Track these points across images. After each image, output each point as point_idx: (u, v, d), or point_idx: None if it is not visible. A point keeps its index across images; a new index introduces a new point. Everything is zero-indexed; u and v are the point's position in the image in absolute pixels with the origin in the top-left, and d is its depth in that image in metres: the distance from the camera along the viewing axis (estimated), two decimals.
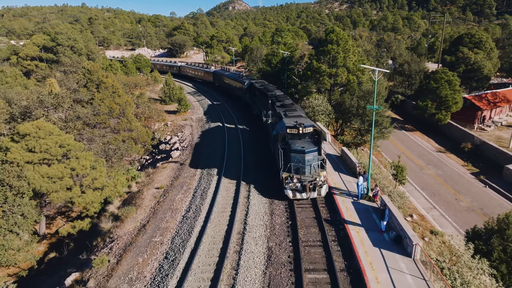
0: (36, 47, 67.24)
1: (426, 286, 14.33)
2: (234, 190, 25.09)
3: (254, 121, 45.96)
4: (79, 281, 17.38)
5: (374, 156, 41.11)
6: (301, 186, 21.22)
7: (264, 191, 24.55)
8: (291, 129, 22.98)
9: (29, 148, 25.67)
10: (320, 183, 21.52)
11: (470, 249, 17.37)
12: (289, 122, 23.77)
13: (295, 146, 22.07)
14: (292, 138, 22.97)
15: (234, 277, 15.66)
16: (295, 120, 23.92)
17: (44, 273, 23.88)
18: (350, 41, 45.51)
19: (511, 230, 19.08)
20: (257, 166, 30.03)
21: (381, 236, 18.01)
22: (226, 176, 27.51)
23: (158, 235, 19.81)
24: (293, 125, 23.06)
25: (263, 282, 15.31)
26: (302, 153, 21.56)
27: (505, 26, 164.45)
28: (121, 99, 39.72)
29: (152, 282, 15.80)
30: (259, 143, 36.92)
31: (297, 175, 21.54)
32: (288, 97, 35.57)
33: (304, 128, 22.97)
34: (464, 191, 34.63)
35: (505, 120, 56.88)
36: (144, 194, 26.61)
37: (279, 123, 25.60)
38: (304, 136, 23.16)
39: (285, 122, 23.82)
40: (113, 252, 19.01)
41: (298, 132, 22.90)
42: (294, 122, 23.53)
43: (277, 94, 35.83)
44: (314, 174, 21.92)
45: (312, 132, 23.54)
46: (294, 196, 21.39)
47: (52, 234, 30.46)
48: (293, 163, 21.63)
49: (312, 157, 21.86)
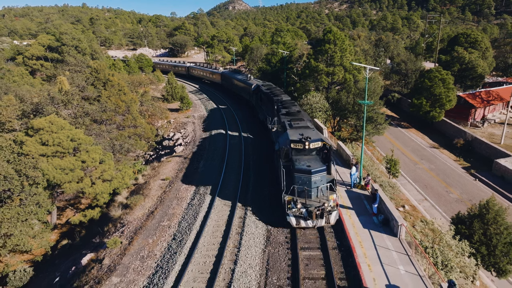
0: (42, 47, 68.95)
1: (409, 260, 15.98)
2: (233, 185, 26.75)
3: (259, 127, 42.45)
4: (95, 260, 19.03)
5: (370, 151, 42.76)
6: (306, 212, 18.42)
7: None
8: (295, 144, 19.97)
9: (43, 141, 27.33)
10: (329, 208, 18.56)
11: (451, 230, 18.99)
12: (294, 134, 20.73)
13: (299, 164, 19.04)
14: (297, 154, 20.06)
15: (236, 253, 17.35)
16: (301, 133, 20.82)
17: (58, 258, 25.53)
18: (347, 41, 47.18)
19: (490, 214, 20.72)
20: (258, 193, 24.90)
21: (370, 219, 19.66)
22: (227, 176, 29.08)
23: (166, 220, 21.47)
24: (298, 139, 19.97)
25: (262, 258, 16.98)
26: (308, 173, 18.39)
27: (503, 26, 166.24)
28: (126, 97, 41.35)
29: (162, 259, 17.46)
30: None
31: (302, 199, 18.54)
32: (295, 103, 31.94)
33: (311, 142, 19.77)
34: (455, 184, 36.27)
35: (498, 117, 58.49)
36: (150, 185, 28.25)
37: (282, 136, 22.53)
38: (310, 152, 20.17)
39: (289, 135, 20.73)
40: (124, 235, 20.66)
41: (303, 147, 19.83)
42: (300, 135, 20.46)
43: (283, 99, 32.88)
44: (322, 198, 18.89)
45: (320, 147, 20.42)
46: (297, 224, 18.58)
47: (63, 225, 32.11)
48: (297, 185, 18.64)
49: (320, 178, 18.73)
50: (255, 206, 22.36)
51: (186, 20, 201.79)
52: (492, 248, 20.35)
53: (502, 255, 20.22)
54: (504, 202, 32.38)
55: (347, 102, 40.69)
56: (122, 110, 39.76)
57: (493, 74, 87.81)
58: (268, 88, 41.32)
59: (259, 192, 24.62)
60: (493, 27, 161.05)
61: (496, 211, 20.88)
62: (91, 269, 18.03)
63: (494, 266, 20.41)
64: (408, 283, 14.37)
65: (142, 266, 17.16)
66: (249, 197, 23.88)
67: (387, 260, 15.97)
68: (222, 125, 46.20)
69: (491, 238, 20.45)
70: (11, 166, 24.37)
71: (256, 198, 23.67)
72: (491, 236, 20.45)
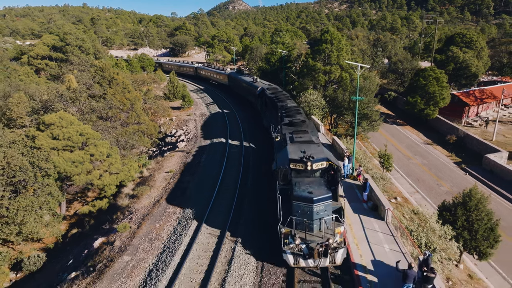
0: (46, 47, 70.53)
1: (394, 240, 17.57)
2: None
3: (264, 136, 39.05)
4: (106, 243, 20.62)
5: (365, 147, 44.35)
6: (306, 249, 15.30)
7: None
8: (295, 164, 16.92)
9: (54, 136, 28.95)
10: (335, 245, 15.44)
11: (435, 215, 20.59)
12: (294, 152, 17.73)
13: (299, 189, 15.92)
14: (297, 176, 17.03)
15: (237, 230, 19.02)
16: (303, 149, 17.71)
17: (69, 245, 27.11)
18: (344, 41, 48.79)
19: (472, 202, 22.27)
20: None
21: (361, 206, 21.25)
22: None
23: (171, 207, 23.08)
24: (298, 158, 16.89)
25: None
26: (309, 201, 15.25)
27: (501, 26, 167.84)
28: (131, 95, 42.95)
29: (168, 240, 19.08)
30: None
31: (301, 232, 15.58)
32: (301, 110, 28.74)
33: (314, 162, 16.69)
34: (446, 178, 37.85)
35: (491, 115, 60.06)
36: (155, 177, 29.85)
37: (280, 152, 19.21)
38: (313, 174, 17.09)
39: (289, 152, 17.75)
40: (133, 220, 22.26)
41: (305, 168, 16.71)
42: (301, 152, 17.44)
43: (288, 105, 30.01)
44: (326, 231, 15.70)
45: (325, 168, 17.28)
46: (296, 263, 15.50)
47: (71, 216, 33.70)
48: (296, 216, 15.60)
49: (324, 207, 15.58)
50: (254, 192, 23.96)
51: (186, 20, 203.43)
52: (473, 233, 21.88)
53: (482, 239, 21.75)
54: (491, 193, 33.96)
55: (343, 100, 42.26)
56: (126, 108, 41.37)
57: (488, 73, 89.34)
58: (273, 92, 38.51)
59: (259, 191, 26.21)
60: (491, 27, 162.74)
61: (478, 199, 22.42)
62: (103, 250, 19.63)
63: (476, 249, 21.95)
64: (392, 258, 15.95)
65: (150, 246, 18.77)
66: (249, 183, 25.49)
67: (374, 240, 17.56)
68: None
69: (473, 224, 21.98)
70: (25, 158, 25.96)
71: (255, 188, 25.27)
72: (473, 222, 21.98)
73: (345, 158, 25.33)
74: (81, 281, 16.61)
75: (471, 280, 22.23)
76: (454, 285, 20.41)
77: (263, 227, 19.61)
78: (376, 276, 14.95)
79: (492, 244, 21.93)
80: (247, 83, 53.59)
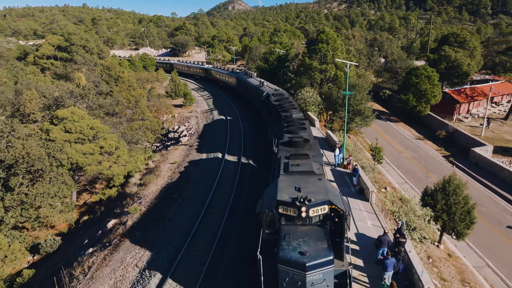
0: (52, 47, 72.76)
1: (376, 218, 19.81)
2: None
3: (267, 150, 30.93)
4: (119, 223, 22.84)
5: (359, 142, 46.58)
6: None
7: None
8: (285, 208, 12.42)
9: (66, 129, 31.19)
10: None
11: (415, 197, 22.81)
12: (287, 188, 13.21)
13: (288, 248, 11.56)
14: (288, 223, 12.66)
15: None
16: (299, 185, 13.19)
17: (82, 230, 29.33)
18: (339, 41, 51.06)
19: (451, 187, 24.49)
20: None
21: (349, 190, 23.47)
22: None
23: (176, 193, 25.30)
24: (290, 200, 12.36)
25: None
26: (301, 268, 11.07)
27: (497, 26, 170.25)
28: (135, 92, 45.21)
29: (174, 220, 21.30)
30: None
31: None
32: (306, 124, 24.00)
33: (310, 208, 12.20)
34: (434, 170, 40.10)
35: (482, 112, 62.29)
36: (161, 167, 32.08)
37: (269, 188, 14.50)
38: (310, 222, 12.62)
39: (279, 189, 13.16)
40: (142, 204, 24.50)
41: (298, 214, 12.27)
42: (296, 190, 12.97)
43: (292, 116, 25.91)
44: None
45: (326, 214, 12.68)
46: None
47: (81, 206, 35.92)
48: (284, 285, 11.45)
49: (322, 276, 11.30)
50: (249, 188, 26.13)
51: (186, 21, 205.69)
52: (452, 215, 24.07)
53: (459, 221, 23.94)
54: (474, 183, 36.23)
55: (337, 97, 44.48)
56: (131, 104, 43.62)
57: (482, 72, 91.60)
58: (279, 99, 33.24)
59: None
60: (487, 27, 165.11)
61: (456, 185, 24.61)
62: (117, 229, 21.86)
63: (454, 230, 24.14)
64: (373, 231, 18.17)
65: (158, 225, 21.00)
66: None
67: (359, 217, 19.79)
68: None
69: (451, 207, 24.17)
70: (42, 149, 28.18)
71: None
72: (451, 205, 24.18)
73: (336, 148, 27.58)
74: (100, 253, 18.82)
75: (450, 258, 24.50)
76: (434, 262, 22.70)
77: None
78: (358, 245, 17.17)
79: (468, 225, 24.13)
80: (254, 86, 48.41)
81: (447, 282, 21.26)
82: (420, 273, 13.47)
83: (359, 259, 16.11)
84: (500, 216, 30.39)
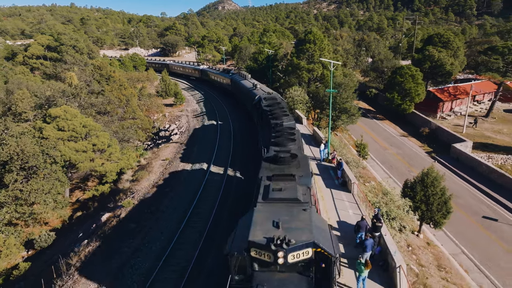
0: (41, 47, 72.73)
1: (357, 207, 21.12)
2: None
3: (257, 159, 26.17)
4: (113, 216, 23.72)
5: (345, 140, 48.03)
6: None
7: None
8: (257, 251, 10.00)
9: (59, 127, 31.88)
10: None
11: (395, 189, 24.19)
12: (262, 223, 10.79)
13: None
14: (262, 269, 10.25)
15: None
16: (278, 220, 10.61)
17: (75, 226, 30.05)
18: (326, 41, 52.49)
19: (429, 179, 25.95)
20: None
21: (333, 182, 24.75)
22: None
23: (168, 188, 26.26)
24: (264, 242, 9.87)
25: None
26: None
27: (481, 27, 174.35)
28: (126, 91, 45.94)
29: (167, 212, 22.28)
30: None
31: None
32: (296, 135, 20.63)
33: (290, 252, 9.76)
34: (416, 165, 41.70)
35: (464, 110, 64.38)
36: (153, 164, 32.98)
37: (241, 222, 11.66)
38: (290, 269, 10.15)
39: (252, 224, 10.69)
40: (135, 198, 25.42)
41: (275, 260, 9.85)
42: (274, 227, 10.49)
43: (284, 125, 22.70)
44: None
45: (310, 259, 10.13)
46: None
47: (73, 203, 36.56)
48: None
49: None
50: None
51: (176, 21, 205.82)
52: (430, 206, 25.50)
53: (437, 211, 25.38)
54: (454, 177, 37.94)
55: (324, 95, 45.81)
56: (123, 103, 44.33)
57: (466, 72, 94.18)
58: (270, 104, 29.73)
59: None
60: (472, 28, 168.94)
61: (434, 177, 26.07)
62: (111, 222, 22.76)
63: (431, 219, 25.59)
64: (353, 219, 19.44)
65: (151, 217, 21.97)
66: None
67: (341, 207, 21.07)
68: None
69: (429, 198, 25.62)
70: (36, 146, 28.84)
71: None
72: (429, 196, 25.61)
73: (321, 144, 28.86)
74: (95, 243, 19.72)
75: (429, 247, 26.01)
76: (413, 250, 24.14)
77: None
78: (339, 231, 18.43)
79: (445, 215, 25.59)
80: (247, 89, 46.03)
81: (424, 267, 22.69)
82: (393, 253, 14.74)
83: (340, 244, 17.33)
84: (476, 207, 32.07)
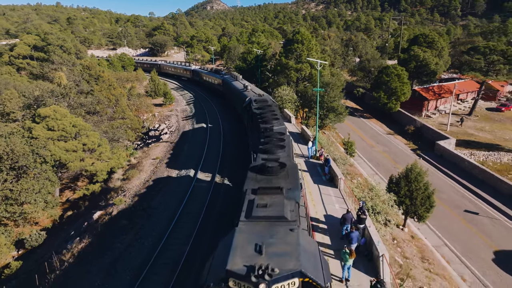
0: (27, 46, 71.92)
1: (343, 202, 21.86)
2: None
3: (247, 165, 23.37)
4: (104, 214, 24.01)
5: (333, 138, 48.98)
6: None
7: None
8: (236, 282, 8.38)
9: (49, 127, 31.89)
10: None
11: (379, 184, 25.06)
12: (243, 246, 9.26)
13: None
14: None
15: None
16: (261, 241, 9.16)
17: (66, 225, 30.15)
18: (313, 41, 53.37)
19: (413, 175, 26.94)
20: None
21: (320, 178, 25.48)
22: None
23: (158, 185, 26.65)
24: (243, 272, 8.28)
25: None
26: None
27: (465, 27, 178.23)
28: (116, 91, 46.02)
29: (158, 208, 22.70)
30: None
31: None
32: (286, 141, 18.26)
33: (273, 284, 8.14)
34: (402, 162, 42.81)
35: (448, 109, 66.07)
36: (143, 163, 33.27)
37: (221, 245, 9.83)
38: None
39: (232, 249, 9.12)
40: (126, 196, 25.74)
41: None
42: (257, 252, 8.94)
43: (274, 129, 21.03)
44: None
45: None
46: None
47: (64, 202, 36.56)
48: None
49: None
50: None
51: (164, 21, 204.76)
52: (413, 200, 26.48)
53: (420, 205, 26.37)
54: (438, 173, 39.16)
55: (312, 94, 46.65)
56: (112, 103, 44.42)
57: (450, 71, 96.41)
58: (260, 106, 27.55)
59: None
60: (456, 28, 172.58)
61: (418, 172, 27.07)
62: (103, 219, 23.05)
63: (415, 213, 26.57)
64: (340, 212, 20.15)
65: (143, 214, 22.35)
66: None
67: (328, 201, 21.79)
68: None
69: (413, 192, 26.61)
70: (26, 146, 28.87)
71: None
72: (413, 191, 26.59)
73: (309, 141, 29.60)
74: (87, 240, 20.03)
75: (413, 240, 27.00)
76: (398, 243, 25.07)
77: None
78: (326, 225, 19.14)
79: (428, 209, 26.60)
80: (238, 90, 43.49)
81: (409, 259, 23.63)
82: (376, 243, 15.50)
83: (326, 236, 18.09)
84: (459, 202, 33.26)
